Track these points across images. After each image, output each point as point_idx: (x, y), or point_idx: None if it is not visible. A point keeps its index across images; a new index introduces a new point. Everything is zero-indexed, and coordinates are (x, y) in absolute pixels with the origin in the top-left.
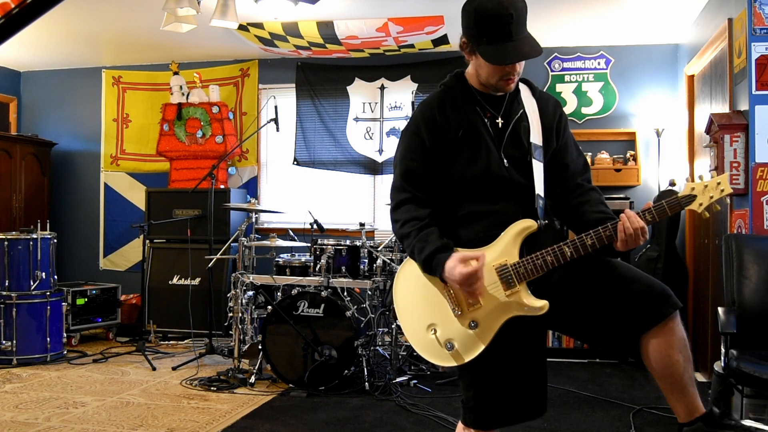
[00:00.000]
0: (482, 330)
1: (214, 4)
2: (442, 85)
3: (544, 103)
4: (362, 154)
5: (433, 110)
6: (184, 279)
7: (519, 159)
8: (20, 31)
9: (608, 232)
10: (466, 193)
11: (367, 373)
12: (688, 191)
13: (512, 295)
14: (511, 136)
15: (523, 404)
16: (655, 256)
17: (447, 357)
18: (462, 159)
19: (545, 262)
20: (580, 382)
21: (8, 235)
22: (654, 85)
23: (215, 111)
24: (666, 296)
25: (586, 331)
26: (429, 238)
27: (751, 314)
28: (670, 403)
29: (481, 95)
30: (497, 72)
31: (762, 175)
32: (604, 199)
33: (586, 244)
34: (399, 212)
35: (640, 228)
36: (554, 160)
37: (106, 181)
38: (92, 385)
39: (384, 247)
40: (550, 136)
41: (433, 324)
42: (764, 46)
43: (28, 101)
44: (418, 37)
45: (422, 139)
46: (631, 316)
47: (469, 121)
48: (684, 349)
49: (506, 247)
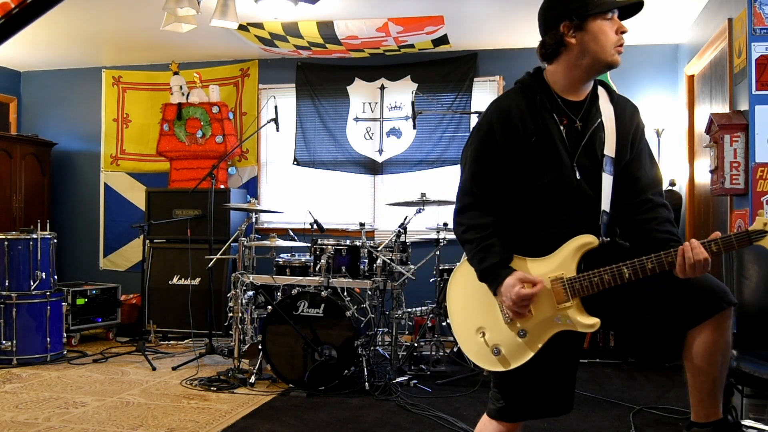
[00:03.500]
0: (531, 339)
1: (214, 4)
2: (518, 83)
3: (622, 109)
4: (362, 154)
5: (509, 111)
6: (184, 279)
7: (591, 171)
8: (20, 31)
9: (671, 258)
10: (532, 200)
11: (367, 373)
12: (760, 226)
13: (564, 309)
14: (586, 147)
15: (551, 401)
16: None
17: (493, 362)
18: (533, 166)
19: (602, 281)
20: (580, 382)
21: (8, 235)
22: (654, 85)
23: (215, 111)
24: (723, 292)
25: (632, 323)
26: (492, 250)
27: (751, 314)
28: (691, 398)
29: (560, 99)
30: (612, 40)
31: (762, 175)
32: (673, 216)
33: (646, 267)
34: (464, 216)
35: (704, 259)
36: (625, 171)
37: (106, 181)
38: (92, 385)
39: (384, 247)
40: (624, 147)
41: (483, 327)
42: (764, 46)
43: (28, 101)
44: (418, 37)
45: (494, 140)
46: (687, 307)
47: (545, 127)
48: (726, 353)
49: (565, 260)
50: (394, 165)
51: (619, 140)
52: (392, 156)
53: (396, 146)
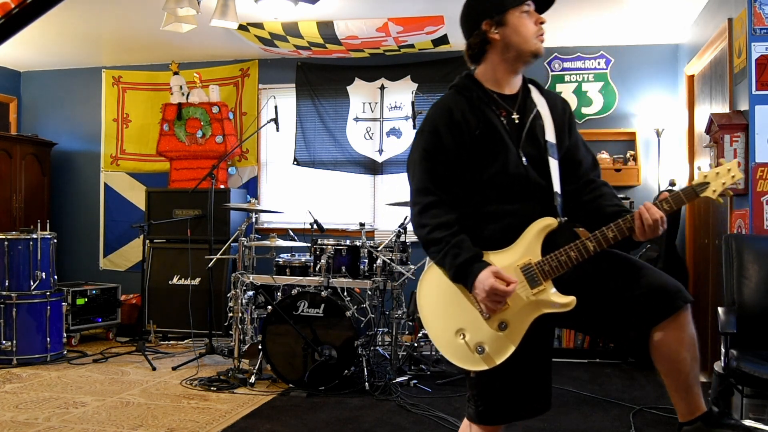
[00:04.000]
0: (511, 331)
1: (214, 4)
2: (452, 87)
3: (553, 100)
4: (362, 154)
5: (451, 110)
6: (184, 279)
7: (536, 157)
8: (20, 31)
9: (628, 224)
10: (485, 192)
11: (367, 373)
12: (701, 179)
13: (539, 293)
14: (528, 135)
15: (529, 401)
16: (655, 256)
17: (478, 361)
18: (481, 158)
19: (569, 258)
20: (580, 382)
21: (8, 235)
22: (654, 85)
23: (215, 111)
24: (678, 290)
25: (597, 325)
26: (463, 246)
27: (751, 314)
28: (672, 401)
29: (495, 94)
30: (532, 30)
31: (762, 175)
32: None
33: (608, 236)
34: (426, 216)
35: (660, 218)
36: (567, 157)
37: (106, 181)
38: (92, 385)
39: (384, 247)
40: (562, 134)
41: (462, 329)
42: (764, 46)
43: (28, 101)
44: (418, 37)
45: (441, 139)
46: (642, 308)
47: (486, 120)
48: (692, 348)
49: (529, 246)
50: (394, 165)
51: (556, 127)
52: (392, 156)
53: (396, 146)
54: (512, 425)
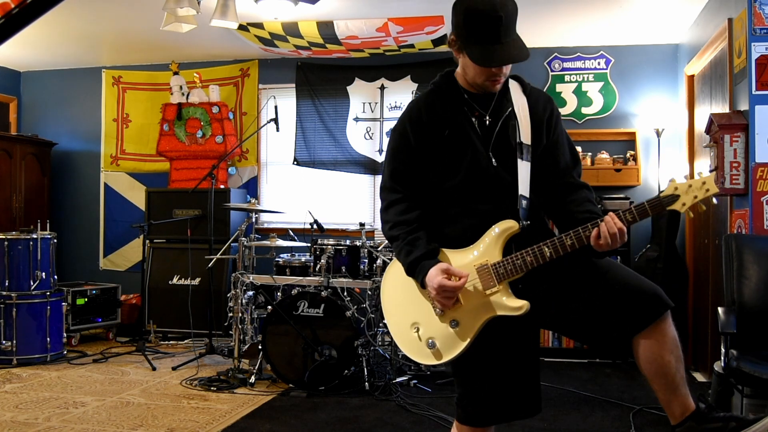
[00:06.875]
0: (462, 329)
1: (214, 4)
2: (431, 84)
3: (535, 99)
4: (362, 154)
5: (420, 110)
6: (184, 279)
7: (507, 158)
8: (20, 31)
9: (588, 233)
10: (452, 192)
11: (367, 373)
12: (671, 191)
13: (492, 294)
14: (499, 136)
15: (514, 402)
16: (655, 256)
17: (428, 355)
18: (448, 159)
19: (525, 262)
20: (580, 382)
21: (8, 235)
22: (654, 85)
23: (215, 111)
24: (656, 297)
25: (580, 332)
26: (417, 243)
27: (751, 314)
28: (662, 404)
29: (469, 94)
30: (483, 73)
31: (762, 175)
32: (593, 196)
33: (565, 244)
34: (389, 213)
35: (618, 230)
36: (544, 156)
37: (106, 181)
38: (92, 385)
39: (384, 247)
40: (540, 133)
41: (416, 323)
42: (764, 46)
43: (28, 101)
44: (418, 37)
45: (408, 139)
46: (622, 318)
47: (456, 120)
48: (675, 350)
49: (488, 247)
50: None
51: (534, 128)
52: None
53: None
54: (511, 425)
